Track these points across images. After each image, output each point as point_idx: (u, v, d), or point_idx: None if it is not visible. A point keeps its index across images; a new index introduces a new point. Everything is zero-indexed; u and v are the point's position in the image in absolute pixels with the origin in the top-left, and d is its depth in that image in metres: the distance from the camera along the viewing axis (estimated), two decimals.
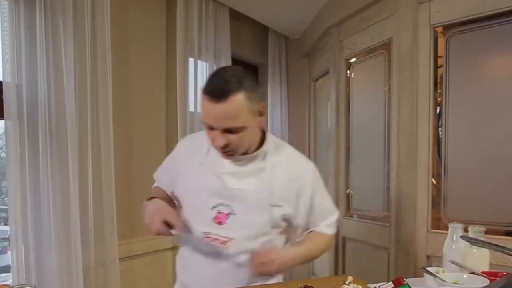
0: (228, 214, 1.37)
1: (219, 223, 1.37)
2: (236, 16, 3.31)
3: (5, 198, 2.04)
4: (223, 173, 1.38)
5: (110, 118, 2.26)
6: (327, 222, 1.50)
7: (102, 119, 2.24)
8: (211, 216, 1.37)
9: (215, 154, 1.38)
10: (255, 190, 1.37)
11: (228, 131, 1.27)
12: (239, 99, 1.24)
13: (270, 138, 1.45)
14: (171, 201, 1.53)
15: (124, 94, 2.50)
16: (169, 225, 1.30)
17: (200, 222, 1.39)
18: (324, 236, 1.51)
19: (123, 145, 2.47)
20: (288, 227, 1.45)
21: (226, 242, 1.36)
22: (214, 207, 1.37)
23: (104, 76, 2.24)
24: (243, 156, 1.37)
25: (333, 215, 1.52)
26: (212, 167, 1.40)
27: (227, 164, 1.39)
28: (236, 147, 1.31)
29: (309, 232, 1.50)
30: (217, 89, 1.24)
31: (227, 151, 1.32)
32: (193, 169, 1.43)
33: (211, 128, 1.29)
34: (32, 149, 1.96)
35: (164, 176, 1.58)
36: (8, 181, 1.90)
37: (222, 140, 1.28)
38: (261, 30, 3.75)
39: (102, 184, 2.24)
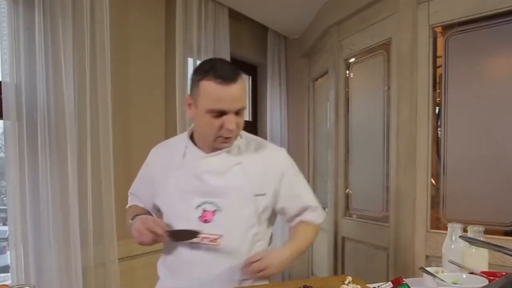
0: (214, 211, 1.39)
1: (205, 221, 1.38)
2: (235, 16, 3.31)
3: (4, 198, 2.04)
4: (202, 172, 1.41)
5: (109, 118, 2.26)
6: (311, 210, 1.53)
7: (101, 119, 2.23)
8: (196, 216, 1.39)
9: (192, 156, 1.44)
10: (236, 184, 1.40)
11: (236, 113, 1.34)
12: (244, 81, 1.37)
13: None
14: (150, 215, 1.55)
15: (123, 94, 2.50)
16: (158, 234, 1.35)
17: (186, 224, 1.39)
18: (311, 226, 1.54)
19: (122, 145, 2.47)
20: (271, 217, 1.50)
21: (216, 239, 1.37)
22: (198, 206, 1.39)
23: (103, 76, 2.23)
24: (219, 151, 1.42)
25: (314, 202, 1.55)
26: (190, 168, 1.42)
27: (204, 163, 1.42)
28: (238, 130, 1.39)
29: (297, 224, 1.54)
30: (228, 72, 1.32)
31: (229, 137, 1.37)
32: (171, 173, 1.45)
33: (219, 115, 1.32)
34: (31, 149, 1.96)
35: (141, 189, 1.60)
36: (7, 181, 1.90)
37: (234, 122, 1.33)
38: (261, 30, 3.75)
39: (101, 184, 2.24)
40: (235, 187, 1.40)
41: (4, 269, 2.21)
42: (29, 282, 1.86)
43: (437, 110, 2.24)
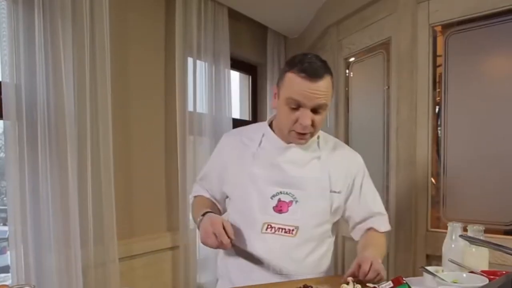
0: (290, 202, 1.38)
1: (280, 211, 1.37)
2: (235, 16, 3.31)
3: (4, 198, 2.04)
4: (281, 162, 1.40)
5: (109, 118, 2.26)
6: (379, 217, 1.54)
7: (101, 119, 2.23)
8: (271, 205, 1.38)
9: (270, 145, 1.43)
10: (315, 177, 1.40)
11: (314, 110, 1.33)
12: (330, 79, 1.37)
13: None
14: (216, 207, 1.56)
15: (123, 94, 2.49)
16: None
17: (258, 212, 1.39)
18: (381, 234, 1.55)
19: (122, 145, 2.47)
20: (337, 223, 1.53)
21: (291, 230, 1.37)
22: (274, 196, 1.38)
23: (103, 76, 2.23)
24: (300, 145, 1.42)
25: (383, 210, 1.57)
26: (267, 157, 1.41)
27: (284, 152, 1.41)
28: (315, 129, 1.37)
29: (367, 230, 1.53)
30: (315, 68, 1.32)
31: (305, 133, 1.36)
32: (246, 160, 1.43)
33: (295, 108, 1.32)
34: (31, 150, 1.96)
35: (211, 175, 1.57)
36: (7, 181, 1.90)
37: (309, 118, 1.32)
38: (260, 30, 3.75)
39: (101, 184, 2.24)
40: (313, 180, 1.40)
41: (4, 269, 2.21)
42: (29, 282, 1.86)
43: (437, 110, 2.24)
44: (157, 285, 2.61)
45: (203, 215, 1.39)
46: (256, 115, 4.01)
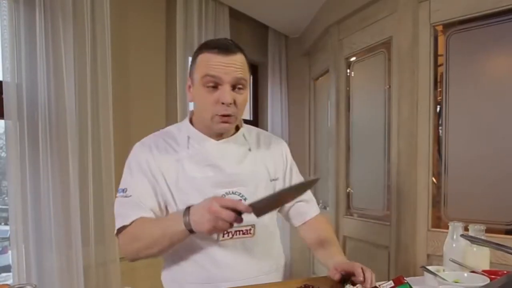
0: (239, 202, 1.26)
1: None
2: (235, 16, 3.31)
3: (5, 198, 2.04)
4: (218, 161, 1.29)
5: (110, 117, 2.26)
6: (312, 204, 1.51)
7: (102, 118, 2.24)
8: None
9: (200, 145, 1.31)
10: (254, 170, 1.34)
11: (234, 88, 1.24)
12: (243, 56, 1.28)
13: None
14: None
15: (124, 93, 2.50)
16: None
17: None
18: (324, 219, 1.54)
19: (123, 145, 2.46)
20: None
21: (249, 230, 1.31)
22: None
23: (104, 75, 2.24)
24: (228, 138, 1.34)
25: (311, 195, 1.53)
26: (202, 158, 1.30)
27: (217, 150, 1.31)
28: (237, 110, 1.26)
29: (309, 223, 1.50)
30: (226, 43, 1.26)
31: (229, 115, 1.25)
32: (179, 166, 1.29)
33: (214, 87, 1.23)
34: (32, 149, 1.96)
35: (144, 192, 1.28)
36: (9, 181, 1.90)
37: (230, 96, 1.23)
38: (261, 29, 3.75)
39: (102, 183, 2.24)
40: (253, 173, 1.34)
41: (6, 268, 2.21)
42: (30, 282, 1.86)
43: (438, 109, 2.23)
44: (158, 285, 2.60)
45: (185, 214, 1.17)
46: (257, 114, 4.01)
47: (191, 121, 1.37)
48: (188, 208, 1.16)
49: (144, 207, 1.27)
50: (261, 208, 1.13)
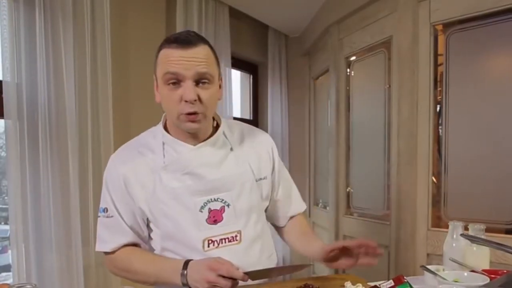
0: (222, 209, 1.24)
1: (215, 221, 1.23)
2: (235, 15, 3.31)
3: (5, 198, 2.04)
4: (195, 168, 1.23)
5: (110, 117, 2.26)
6: (299, 200, 1.50)
7: (102, 118, 2.23)
8: (203, 218, 1.22)
9: (177, 152, 1.25)
10: (237, 173, 1.27)
11: (198, 83, 1.16)
12: (207, 47, 1.19)
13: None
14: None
15: (124, 93, 2.49)
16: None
17: (193, 230, 1.21)
18: (303, 216, 1.52)
19: (123, 143, 2.47)
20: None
21: (235, 237, 1.24)
22: (202, 207, 1.22)
23: (104, 75, 2.23)
24: (206, 141, 1.26)
25: (296, 190, 1.50)
26: (179, 166, 1.23)
27: (195, 156, 1.23)
28: (204, 107, 1.17)
29: (293, 221, 1.48)
30: (186, 36, 1.16)
31: (195, 113, 1.16)
32: (155, 177, 1.23)
33: (176, 84, 1.16)
34: (32, 148, 1.96)
35: (122, 209, 1.26)
36: (8, 180, 1.90)
37: (193, 92, 1.14)
38: (261, 29, 3.75)
39: (102, 183, 2.23)
40: (236, 176, 1.26)
41: (6, 268, 2.21)
42: (30, 281, 1.86)
43: (438, 108, 2.23)
44: None
45: (184, 267, 1.16)
46: (257, 114, 4.01)
47: (165, 126, 1.32)
48: (186, 264, 1.16)
49: (125, 231, 1.26)
50: (256, 275, 1.16)
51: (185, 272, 1.14)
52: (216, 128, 1.32)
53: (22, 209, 1.91)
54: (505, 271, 1.28)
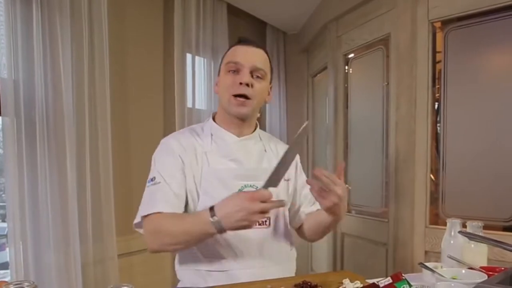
0: None
1: None
2: (234, 12, 3.30)
3: (3, 195, 2.03)
4: (238, 155, 1.41)
5: (108, 114, 2.26)
6: (313, 202, 1.56)
7: (100, 115, 2.23)
8: None
9: (223, 141, 1.42)
10: (269, 168, 1.35)
11: (253, 75, 1.37)
12: (265, 54, 1.45)
13: None
14: None
15: (122, 90, 2.49)
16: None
17: None
18: None
19: (121, 141, 2.47)
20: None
21: (265, 221, 1.39)
22: (240, 189, 1.36)
23: (101, 72, 2.23)
24: (248, 136, 1.45)
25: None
26: (224, 152, 1.41)
27: (239, 146, 1.42)
28: (254, 94, 1.37)
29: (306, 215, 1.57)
30: (250, 39, 1.44)
31: (246, 98, 1.36)
32: (202, 158, 1.39)
33: (235, 72, 1.37)
34: (30, 146, 1.95)
35: (176, 175, 1.37)
36: (6, 177, 1.89)
37: (248, 76, 1.35)
38: (259, 26, 3.74)
39: (100, 180, 2.23)
40: (268, 171, 1.33)
41: (4, 265, 2.21)
42: (28, 279, 1.86)
43: (436, 106, 2.24)
44: (156, 281, 2.61)
45: (212, 211, 1.22)
46: None
47: (214, 120, 1.50)
48: (211, 209, 1.21)
49: (168, 198, 1.33)
50: (273, 180, 1.24)
51: (215, 216, 1.20)
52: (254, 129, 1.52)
53: (20, 206, 1.90)
54: (502, 268, 1.28)
